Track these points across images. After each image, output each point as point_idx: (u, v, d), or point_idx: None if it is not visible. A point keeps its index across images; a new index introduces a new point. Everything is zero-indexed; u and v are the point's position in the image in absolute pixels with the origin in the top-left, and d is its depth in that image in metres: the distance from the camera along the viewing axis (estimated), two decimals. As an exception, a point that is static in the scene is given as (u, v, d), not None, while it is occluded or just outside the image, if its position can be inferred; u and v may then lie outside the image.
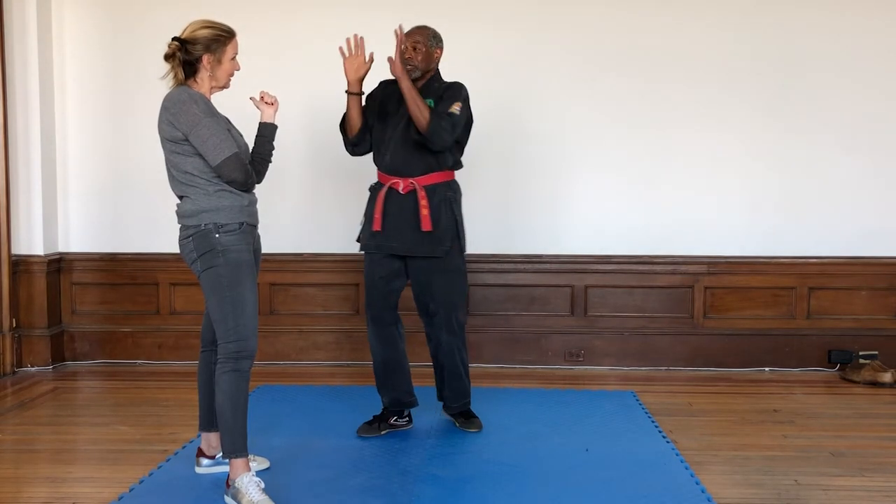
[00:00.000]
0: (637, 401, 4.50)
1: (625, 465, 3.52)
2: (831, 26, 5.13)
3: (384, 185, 3.78)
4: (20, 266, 5.16)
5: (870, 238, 5.20)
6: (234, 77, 3.17)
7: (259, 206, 3.23)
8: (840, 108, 5.16)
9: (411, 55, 3.71)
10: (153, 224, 5.25)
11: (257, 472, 3.17)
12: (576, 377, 5.10)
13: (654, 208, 5.25)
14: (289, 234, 5.26)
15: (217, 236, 3.03)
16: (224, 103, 3.25)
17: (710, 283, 5.25)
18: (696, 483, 3.31)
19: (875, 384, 4.86)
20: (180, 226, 3.11)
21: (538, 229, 5.28)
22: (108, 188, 5.35)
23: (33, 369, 5.19)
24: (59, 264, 5.32)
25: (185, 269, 3.27)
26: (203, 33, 3.04)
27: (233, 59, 3.12)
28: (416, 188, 3.71)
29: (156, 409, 4.35)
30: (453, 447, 3.76)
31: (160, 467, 3.48)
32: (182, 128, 2.99)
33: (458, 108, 3.67)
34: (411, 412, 4.02)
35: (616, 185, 5.26)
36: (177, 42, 3.03)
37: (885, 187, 5.20)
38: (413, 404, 3.96)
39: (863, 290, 5.23)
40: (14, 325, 5.14)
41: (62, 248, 5.36)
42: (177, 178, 3.09)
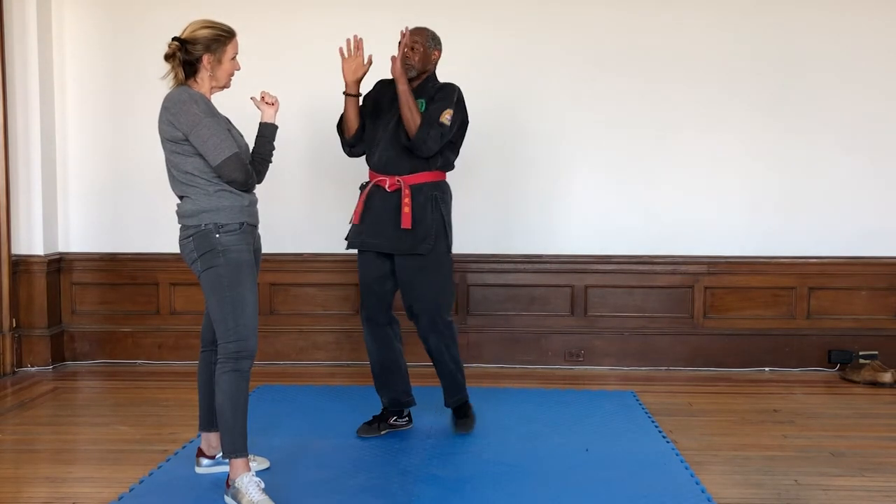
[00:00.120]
0: (637, 401, 4.50)
1: (625, 465, 3.52)
2: (831, 26, 5.13)
3: (370, 182, 3.79)
4: (20, 266, 5.16)
5: (870, 238, 5.20)
6: (235, 77, 3.17)
7: (259, 206, 3.23)
8: (840, 108, 5.16)
9: (409, 55, 3.70)
10: (153, 224, 5.26)
11: (257, 472, 3.17)
12: (576, 377, 5.10)
13: (654, 208, 5.25)
14: (289, 234, 5.26)
15: (217, 236, 3.04)
16: (224, 103, 3.26)
17: (710, 283, 5.25)
18: (696, 483, 3.31)
19: (875, 384, 4.86)
20: (180, 226, 3.11)
21: (538, 229, 5.28)
22: (108, 188, 5.35)
23: (33, 369, 5.19)
24: (59, 264, 5.32)
25: (185, 269, 3.27)
26: (203, 33, 3.04)
27: (233, 58, 3.12)
28: (401, 186, 3.69)
29: (156, 409, 4.35)
30: (453, 447, 3.76)
31: (160, 467, 3.48)
32: (182, 128, 2.99)
33: (448, 118, 3.64)
34: (411, 412, 4.02)
35: (616, 185, 5.26)
36: (177, 42, 3.03)
37: (885, 187, 5.20)
38: (411, 404, 3.96)
39: (863, 290, 5.23)
40: (14, 325, 5.15)
41: (62, 248, 5.37)
42: (177, 178, 3.09)
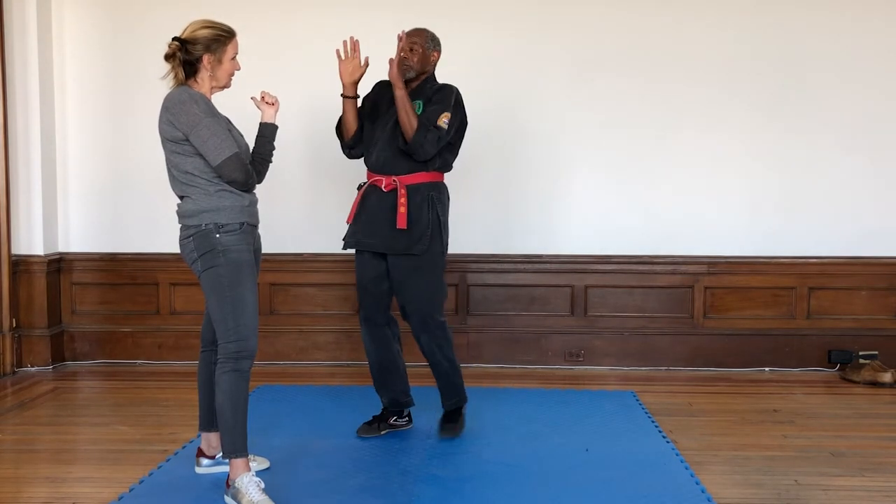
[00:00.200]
0: (637, 401, 4.50)
1: (625, 465, 3.52)
2: (831, 26, 5.13)
3: (367, 182, 3.78)
4: (20, 266, 5.16)
5: (870, 238, 5.20)
6: (235, 77, 3.17)
7: (259, 206, 3.23)
8: (840, 108, 5.16)
9: (407, 55, 3.69)
10: (153, 224, 5.25)
11: (257, 472, 3.17)
12: (576, 377, 5.10)
13: (654, 208, 5.25)
14: (289, 234, 5.26)
15: (218, 236, 3.04)
16: (224, 103, 3.25)
17: (710, 283, 5.25)
18: (696, 483, 3.31)
19: (875, 384, 4.86)
20: (181, 226, 3.11)
21: (538, 229, 5.28)
22: (108, 188, 5.35)
23: (33, 369, 5.19)
24: (59, 264, 5.32)
25: (185, 269, 3.27)
26: (203, 33, 3.04)
27: (233, 58, 3.12)
28: (397, 186, 3.68)
29: (156, 409, 4.35)
30: (453, 447, 3.76)
31: (160, 467, 3.48)
32: (182, 128, 2.99)
33: (446, 121, 3.62)
34: (411, 412, 4.02)
35: (616, 185, 5.26)
36: (177, 42, 3.03)
37: (885, 187, 5.20)
38: (409, 404, 3.95)
39: (863, 290, 5.23)
40: (14, 325, 5.15)
41: (62, 248, 5.36)
42: (177, 178, 3.09)
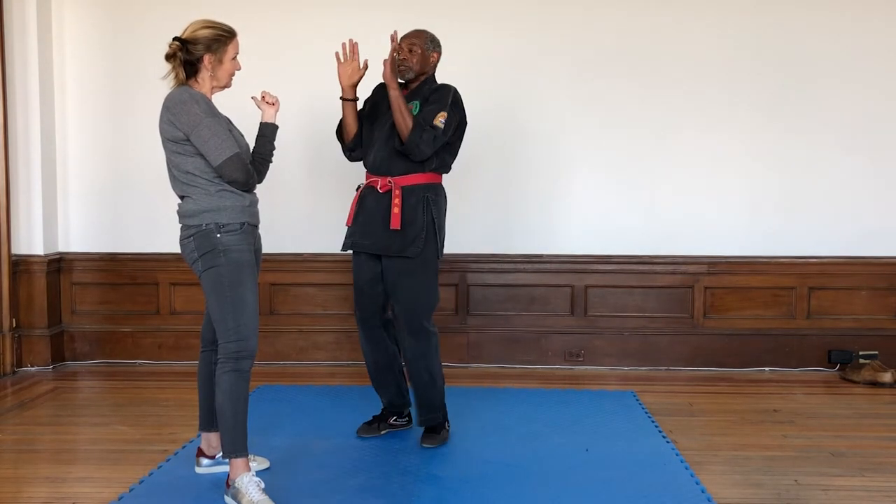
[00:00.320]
0: (637, 401, 4.50)
1: (625, 465, 3.52)
2: (831, 26, 5.13)
3: (364, 184, 3.78)
4: (20, 266, 5.16)
5: (870, 238, 5.20)
6: (235, 77, 3.17)
7: (259, 206, 3.22)
8: (840, 108, 5.16)
9: (406, 56, 3.68)
10: (153, 224, 5.26)
11: (257, 472, 3.17)
12: (576, 377, 5.10)
13: (654, 208, 5.25)
14: (289, 234, 5.26)
15: (218, 236, 3.04)
16: (224, 103, 3.25)
17: (710, 283, 5.25)
18: (696, 483, 3.31)
19: (875, 384, 4.86)
20: (181, 225, 3.11)
21: (538, 229, 5.28)
22: (108, 188, 5.35)
23: (33, 369, 5.19)
24: (59, 264, 5.32)
25: (185, 269, 3.27)
26: (204, 33, 3.04)
27: (234, 58, 3.12)
28: (392, 187, 3.66)
29: (156, 409, 4.35)
30: (453, 447, 3.76)
31: (160, 467, 3.48)
32: (183, 128, 2.99)
33: (442, 121, 3.59)
34: (411, 412, 4.02)
35: (616, 185, 5.26)
36: (178, 42, 3.03)
37: (885, 187, 5.20)
38: (406, 405, 3.95)
39: (863, 290, 5.23)
40: (14, 325, 5.14)
41: (62, 248, 5.36)
42: (178, 178, 3.09)
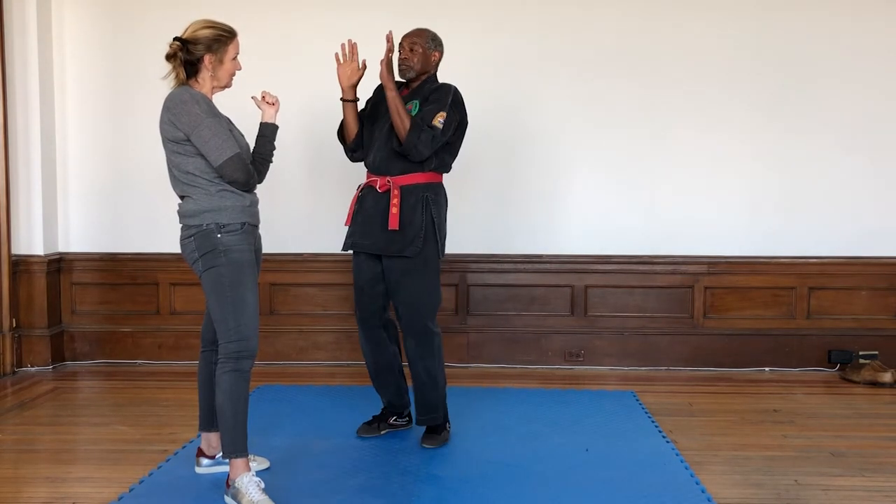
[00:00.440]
0: (637, 401, 4.50)
1: (625, 465, 3.52)
2: (831, 26, 5.13)
3: (364, 183, 3.77)
4: (20, 266, 5.16)
5: (870, 238, 5.20)
6: (235, 77, 3.17)
7: (260, 206, 3.22)
8: (840, 108, 5.16)
9: (408, 55, 3.68)
10: (153, 224, 5.26)
11: (257, 472, 3.17)
12: (576, 377, 5.10)
13: (654, 208, 5.25)
14: (289, 234, 5.26)
15: (219, 236, 3.04)
16: (225, 103, 3.25)
17: (710, 283, 5.25)
18: (696, 483, 3.31)
19: (875, 384, 4.86)
20: (182, 225, 3.11)
21: (538, 229, 5.28)
22: (108, 188, 5.35)
23: (33, 369, 5.19)
24: (59, 264, 5.32)
25: (185, 269, 3.28)
26: (204, 33, 3.04)
27: (234, 58, 3.12)
28: (391, 187, 3.65)
29: (156, 409, 4.35)
30: (453, 447, 3.76)
31: (160, 467, 3.48)
32: (183, 128, 2.99)
33: (441, 121, 3.58)
34: (412, 412, 4.02)
35: (616, 185, 5.26)
36: (178, 42, 3.03)
37: (885, 187, 5.20)
38: (405, 406, 3.95)
39: (863, 290, 5.23)
40: (14, 325, 5.14)
41: (62, 248, 5.36)
42: (178, 179, 3.09)
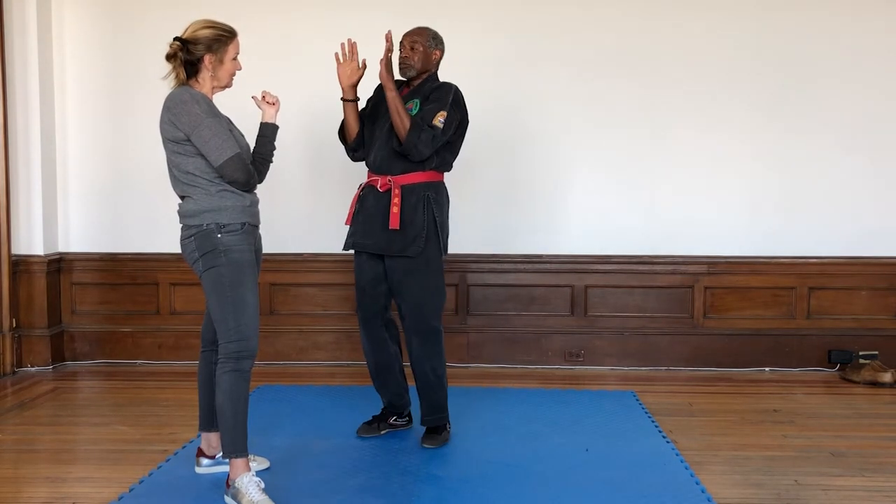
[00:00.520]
0: (637, 401, 4.50)
1: (625, 465, 3.52)
2: (831, 27, 5.13)
3: (365, 183, 3.77)
4: (20, 266, 5.16)
5: (870, 238, 5.20)
6: (236, 77, 3.17)
7: (260, 206, 3.22)
8: (840, 108, 5.16)
9: (408, 54, 3.68)
10: (153, 224, 5.26)
11: (257, 472, 3.17)
12: (576, 377, 5.10)
13: (654, 208, 5.25)
14: (289, 234, 5.26)
15: (219, 236, 3.04)
16: (225, 103, 3.25)
17: (710, 283, 5.25)
18: (696, 483, 3.31)
19: (875, 384, 4.86)
20: (182, 226, 3.11)
21: (538, 229, 5.28)
22: (108, 188, 5.35)
23: (33, 369, 5.19)
24: (59, 264, 5.32)
25: (186, 269, 3.28)
26: (205, 33, 3.04)
27: (234, 58, 3.12)
28: (392, 186, 3.64)
29: (156, 409, 4.35)
30: (453, 447, 3.76)
31: (160, 467, 3.48)
32: (184, 128, 2.99)
33: (441, 120, 3.57)
34: (412, 412, 4.01)
35: (616, 185, 5.26)
36: (178, 42, 3.03)
37: (885, 187, 5.20)
38: (406, 406, 3.94)
39: (863, 290, 5.23)
40: (14, 325, 5.14)
41: (62, 248, 5.36)
42: (179, 179, 3.09)
